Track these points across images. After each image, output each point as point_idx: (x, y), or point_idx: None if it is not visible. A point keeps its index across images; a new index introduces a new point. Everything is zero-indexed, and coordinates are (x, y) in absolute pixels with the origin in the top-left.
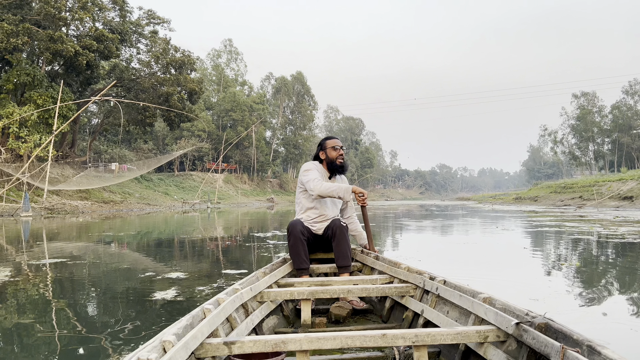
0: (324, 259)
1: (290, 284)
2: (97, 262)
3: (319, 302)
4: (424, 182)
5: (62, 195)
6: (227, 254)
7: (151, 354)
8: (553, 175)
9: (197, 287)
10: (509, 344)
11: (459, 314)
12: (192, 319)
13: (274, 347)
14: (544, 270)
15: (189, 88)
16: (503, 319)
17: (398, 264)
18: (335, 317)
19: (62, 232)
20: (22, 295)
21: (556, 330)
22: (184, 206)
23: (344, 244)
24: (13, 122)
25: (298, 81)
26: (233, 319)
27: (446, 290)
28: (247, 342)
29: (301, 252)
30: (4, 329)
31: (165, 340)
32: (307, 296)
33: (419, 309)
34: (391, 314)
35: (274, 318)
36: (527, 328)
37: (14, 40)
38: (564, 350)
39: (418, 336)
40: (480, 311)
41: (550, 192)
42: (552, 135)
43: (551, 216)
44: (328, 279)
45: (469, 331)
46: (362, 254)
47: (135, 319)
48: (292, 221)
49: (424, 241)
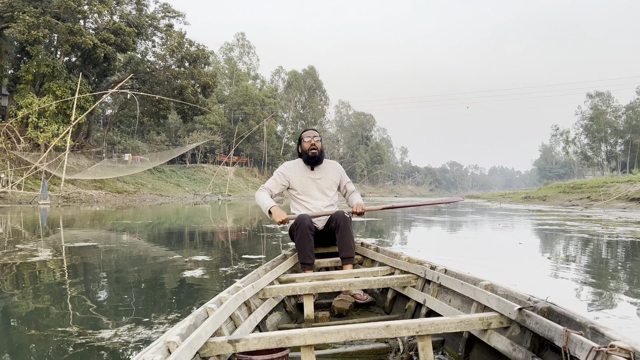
0: (325, 254)
1: (291, 280)
2: (125, 247)
3: (321, 296)
4: (434, 179)
5: (77, 184)
6: (243, 241)
7: (156, 355)
8: (565, 175)
9: (221, 268)
10: (513, 329)
11: (461, 302)
12: (196, 319)
13: (278, 344)
14: (531, 262)
15: (203, 82)
16: (505, 305)
17: (398, 255)
18: (337, 311)
19: (82, 220)
20: (70, 275)
21: (559, 314)
22: (195, 198)
23: (348, 236)
24: (32, 112)
25: (310, 76)
26: (236, 317)
27: (447, 279)
28: (252, 339)
29: (307, 248)
30: (61, 306)
31: (169, 341)
32: (309, 291)
33: (421, 299)
34: (393, 305)
35: (276, 314)
36: (529, 313)
37: (35, 33)
38: (567, 333)
39: (421, 326)
40: (483, 298)
41: (559, 192)
42: (564, 135)
43: (556, 215)
44: (329, 273)
45: (472, 319)
46: (362, 246)
47: (172, 295)
48: (300, 215)
49: (426, 235)
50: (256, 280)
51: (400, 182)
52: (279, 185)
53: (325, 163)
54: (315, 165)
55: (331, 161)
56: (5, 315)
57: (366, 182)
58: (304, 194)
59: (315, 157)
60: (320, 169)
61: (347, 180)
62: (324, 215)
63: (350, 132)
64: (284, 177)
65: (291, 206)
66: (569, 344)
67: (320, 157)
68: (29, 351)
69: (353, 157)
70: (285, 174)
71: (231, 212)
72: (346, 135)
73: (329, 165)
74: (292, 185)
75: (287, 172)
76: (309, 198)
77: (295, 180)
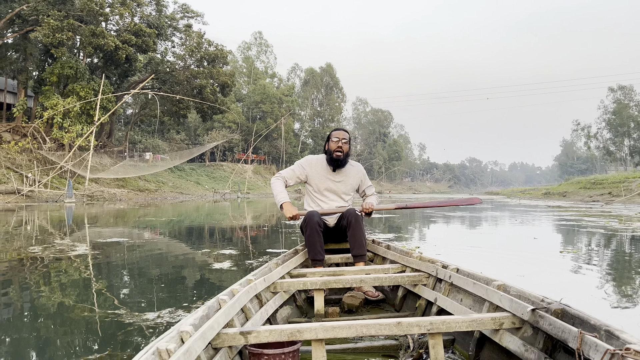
0: (336, 250)
1: (302, 275)
2: (154, 243)
3: (332, 292)
4: (453, 175)
5: (100, 183)
6: (265, 237)
7: (169, 344)
8: (586, 170)
9: (247, 260)
10: (525, 330)
11: (472, 301)
12: (208, 310)
13: (289, 337)
14: (542, 256)
15: (222, 81)
16: (518, 306)
17: (410, 253)
18: (348, 307)
19: (108, 218)
20: (113, 267)
21: (573, 315)
22: (215, 196)
23: (359, 233)
24: (57, 113)
25: (327, 73)
26: (248, 309)
27: (459, 278)
28: (263, 331)
29: (317, 244)
30: (117, 291)
31: (182, 330)
32: (319, 286)
33: (432, 297)
34: (404, 303)
35: (287, 308)
36: (543, 314)
37: (59, 35)
38: (581, 335)
39: (433, 324)
40: (495, 298)
41: (579, 188)
42: (585, 129)
43: (575, 211)
44: (340, 269)
45: (484, 318)
46: (374, 244)
47: (203, 282)
48: (309, 212)
49: (443, 230)
50: (267, 274)
51: (418, 179)
52: (295, 177)
53: (348, 166)
54: (338, 167)
55: (355, 164)
56: (48, 302)
57: (384, 179)
58: (320, 193)
59: (340, 160)
60: (341, 172)
61: (368, 184)
62: (335, 212)
63: (367, 129)
64: (303, 170)
65: (305, 200)
66: (583, 346)
67: (344, 161)
68: (77, 326)
69: (370, 154)
70: (306, 168)
71: (251, 209)
72: (363, 132)
73: (351, 169)
74: (309, 181)
75: (308, 167)
76: (324, 198)
77: (314, 177)
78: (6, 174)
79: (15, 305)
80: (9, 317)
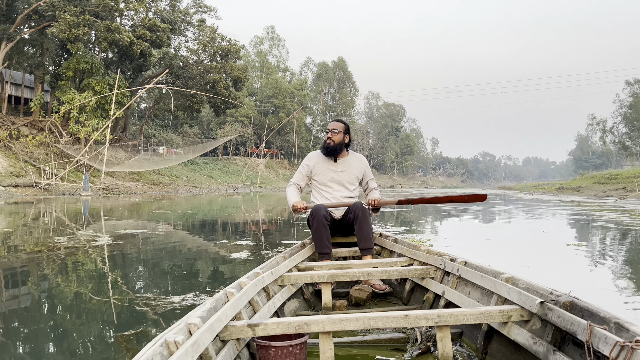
0: (343, 243)
1: (310, 268)
2: (172, 234)
3: (339, 285)
4: (466, 170)
5: (115, 176)
6: (279, 229)
7: (177, 336)
8: (602, 165)
9: (263, 251)
10: (533, 323)
11: (480, 294)
12: (216, 302)
13: (297, 329)
14: (549, 249)
15: (235, 76)
16: (527, 299)
17: (417, 246)
18: (355, 300)
19: (125, 210)
20: (136, 255)
21: (582, 308)
22: (228, 189)
23: (367, 227)
24: (74, 108)
25: (339, 67)
26: (255, 302)
27: (467, 271)
28: (271, 324)
29: (324, 237)
30: (142, 277)
31: (190, 322)
32: (327, 279)
33: (440, 291)
34: (411, 296)
35: (294, 301)
36: (551, 307)
37: (75, 31)
38: (591, 327)
39: (441, 316)
40: (503, 291)
41: (593, 183)
42: (601, 124)
43: (587, 206)
44: (348, 262)
45: (492, 311)
46: (381, 237)
47: (223, 270)
48: (315, 205)
49: (454, 223)
50: (275, 267)
51: (431, 174)
52: (304, 177)
53: (350, 156)
54: (334, 156)
55: (357, 155)
56: (83, 286)
57: (396, 174)
58: (324, 185)
59: (329, 148)
60: (343, 162)
61: (370, 177)
62: (342, 205)
63: (380, 123)
64: (308, 167)
65: (312, 195)
66: (593, 338)
67: (335, 149)
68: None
69: (383, 148)
70: (309, 165)
71: (263, 203)
72: (376, 126)
73: (353, 159)
74: (314, 175)
75: (310, 163)
76: (329, 189)
77: (317, 170)
78: (24, 168)
79: (56, 286)
80: (56, 295)
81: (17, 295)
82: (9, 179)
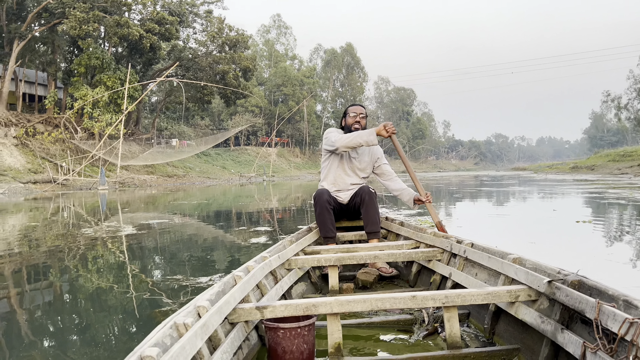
0: (349, 227)
1: (316, 252)
2: (194, 223)
3: (346, 269)
4: (479, 152)
5: (130, 170)
6: (294, 215)
7: (187, 319)
8: (617, 143)
9: (281, 235)
10: (541, 302)
11: (487, 275)
12: (224, 286)
13: (305, 311)
14: (558, 226)
15: (244, 66)
16: (534, 278)
17: (424, 229)
18: (362, 283)
19: (143, 203)
20: (161, 243)
21: (590, 286)
22: (241, 179)
23: (373, 210)
24: (87, 103)
25: (348, 53)
26: (263, 285)
27: (474, 253)
28: (279, 306)
29: (327, 221)
30: (172, 264)
31: (199, 305)
32: (333, 263)
33: (447, 272)
34: (418, 278)
35: (302, 285)
36: (559, 286)
37: (85, 27)
38: (599, 305)
39: (448, 297)
40: (511, 271)
41: (608, 161)
42: (615, 101)
43: (601, 184)
44: (354, 245)
45: (499, 291)
46: (387, 220)
47: (243, 253)
48: (318, 190)
49: (466, 204)
50: (282, 251)
51: (443, 157)
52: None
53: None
54: None
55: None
56: (119, 269)
57: (408, 158)
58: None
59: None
60: (357, 148)
61: (384, 162)
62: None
63: (390, 108)
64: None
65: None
66: (601, 316)
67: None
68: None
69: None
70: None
71: (277, 191)
72: (386, 111)
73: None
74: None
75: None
76: (341, 173)
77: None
78: (42, 164)
79: (96, 268)
80: (102, 274)
81: (68, 273)
82: (28, 175)
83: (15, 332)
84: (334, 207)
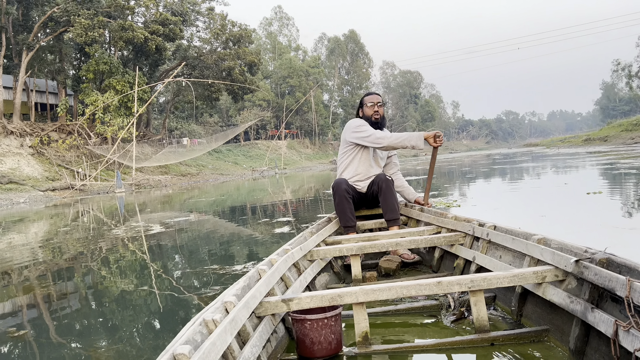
0: (369, 216)
1: (337, 242)
2: (213, 219)
3: (367, 257)
4: (490, 131)
5: (145, 171)
6: (309, 205)
7: (215, 315)
8: (630, 112)
9: (303, 224)
10: (569, 282)
11: (512, 257)
12: (249, 280)
13: (330, 302)
14: (569, 199)
15: (249, 60)
16: (561, 258)
17: (444, 214)
18: (385, 271)
19: (161, 203)
20: (189, 238)
21: (619, 264)
22: (254, 174)
23: (391, 198)
24: (98, 109)
25: (351, 40)
26: (287, 277)
27: (497, 235)
28: (305, 298)
29: (347, 210)
30: (200, 260)
31: (226, 301)
32: (355, 252)
33: (470, 256)
34: (441, 263)
35: (325, 275)
36: (587, 264)
37: (91, 34)
38: (630, 282)
39: (474, 281)
40: (536, 252)
41: (621, 131)
42: (626, 69)
43: (613, 155)
44: (375, 234)
45: (525, 273)
46: (407, 207)
47: (271, 243)
48: (336, 180)
49: (479, 185)
50: (303, 243)
51: (454, 138)
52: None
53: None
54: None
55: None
56: (159, 260)
57: None
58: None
59: (378, 123)
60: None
61: (394, 153)
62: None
63: (397, 92)
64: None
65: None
66: (632, 293)
67: (382, 124)
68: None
69: (403, 117)
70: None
71: (290, 183)
72: (394, 95)
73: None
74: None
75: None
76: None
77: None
78: (59, 171)
79: (137, 260)
80: (144, 263)
81: (111, 265)
82: (46, 183)
83: (64, 328)
84: (352, 196)
